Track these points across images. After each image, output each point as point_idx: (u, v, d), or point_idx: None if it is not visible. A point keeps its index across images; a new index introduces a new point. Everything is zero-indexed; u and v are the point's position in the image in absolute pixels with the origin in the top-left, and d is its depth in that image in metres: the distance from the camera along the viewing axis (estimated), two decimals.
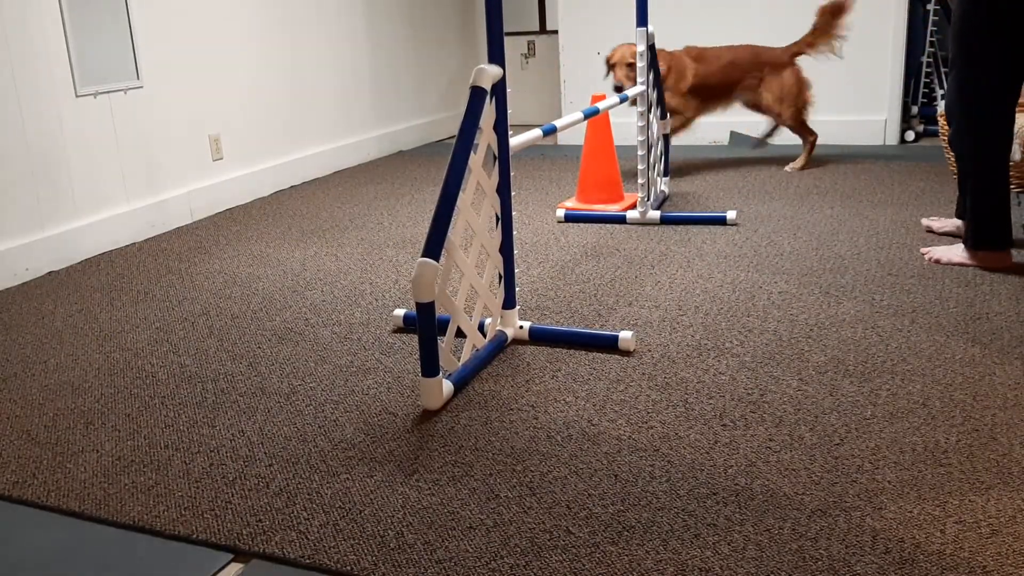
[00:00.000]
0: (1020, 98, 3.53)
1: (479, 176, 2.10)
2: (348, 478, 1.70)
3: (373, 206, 4.09)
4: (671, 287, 2.72)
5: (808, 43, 4.32)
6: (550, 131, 2.41)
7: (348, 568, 1.42)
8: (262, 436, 1.89)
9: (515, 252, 2.83)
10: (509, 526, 1.51)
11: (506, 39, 6.34)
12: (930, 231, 3.21)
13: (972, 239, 2.73)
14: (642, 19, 3.33)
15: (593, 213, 3.63)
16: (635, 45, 3.79)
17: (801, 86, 4.32)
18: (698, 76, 4.29)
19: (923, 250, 2.89)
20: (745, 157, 4.82)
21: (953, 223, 3.17)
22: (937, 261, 2.80)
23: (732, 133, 5.26)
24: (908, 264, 2.81)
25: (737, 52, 4.35)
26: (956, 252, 2.80)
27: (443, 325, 2.26)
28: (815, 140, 4.41)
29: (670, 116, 4.17)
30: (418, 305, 1.88)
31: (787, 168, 4.41)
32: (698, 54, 4.35)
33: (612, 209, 3.70)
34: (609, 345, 2.26)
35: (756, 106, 4.40)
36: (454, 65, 6.32)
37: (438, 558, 1.43)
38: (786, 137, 5.12)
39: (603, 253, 3.13)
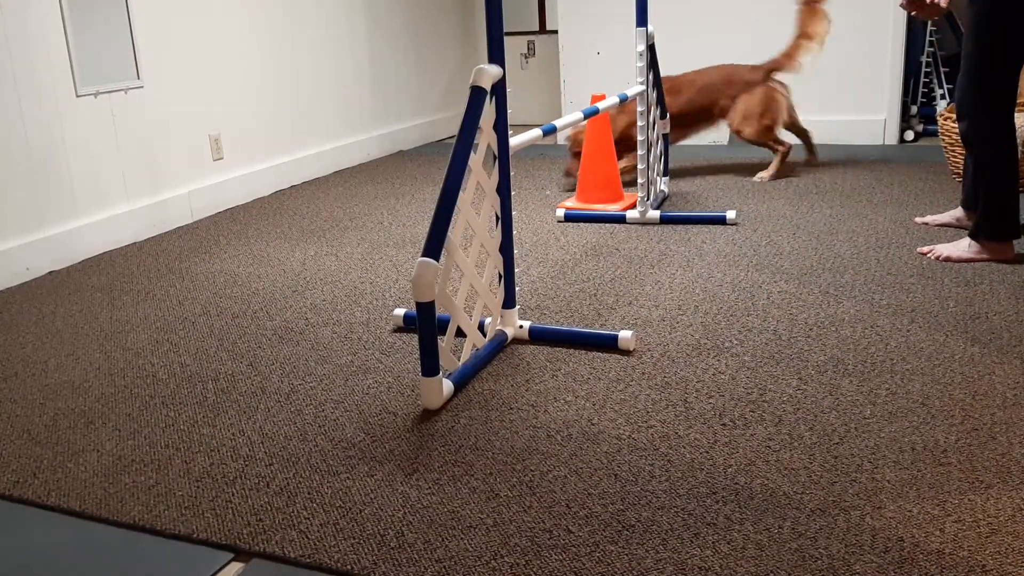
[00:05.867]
0: (1020, 98, 3.56)
1: (479, 176, 2.10)
2: (348, 477, 1.70)
3: (373, 206, 4.09)
4: (671, 287, 2.72)
5: (786, 55, 4.18)
6: (550, 131, 2.41)
7: (348, 567, 1.42)
8: (262, 435, 1.89)
9: (515, 252, 2.83)
10: (509, 525, 1.51)
11: (506, 39, 6.34)
12: (926, 225, 3.23)
13: (985, 231, 2.76)
14: (642, 19, 3.33)
15: (593, 213, 3.63)
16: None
17: (768, 104, 4.16)
18: (673, 109, 4.15)
19: (922, 249, 2.90)
20: (745, 157, 4.82)
21: (951, 215, 3.20)
22: (948, 259, 2.80)
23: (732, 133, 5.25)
24: (907, 263, 2.82)
25: (711, 74, 4.26)
26: (963, 247, 2.81)
27: (443, 325, 2.26)
28: (786, 151, 4.23)
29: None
30: (418, 305, 1.88)
31: (756, 178, 4.25)
32: (671, 86, 4.21)
33: (612, 209, 3.70)
34: (609, 345, 2.26)
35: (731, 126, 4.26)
36: (454, 65, 6.33)
37: (438, 557, 1.44)
38: (788, 136, 5.13)
39: (603, 253, 3.14)
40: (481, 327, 2.26)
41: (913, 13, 2.86)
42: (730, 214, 3.41)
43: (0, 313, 2.83)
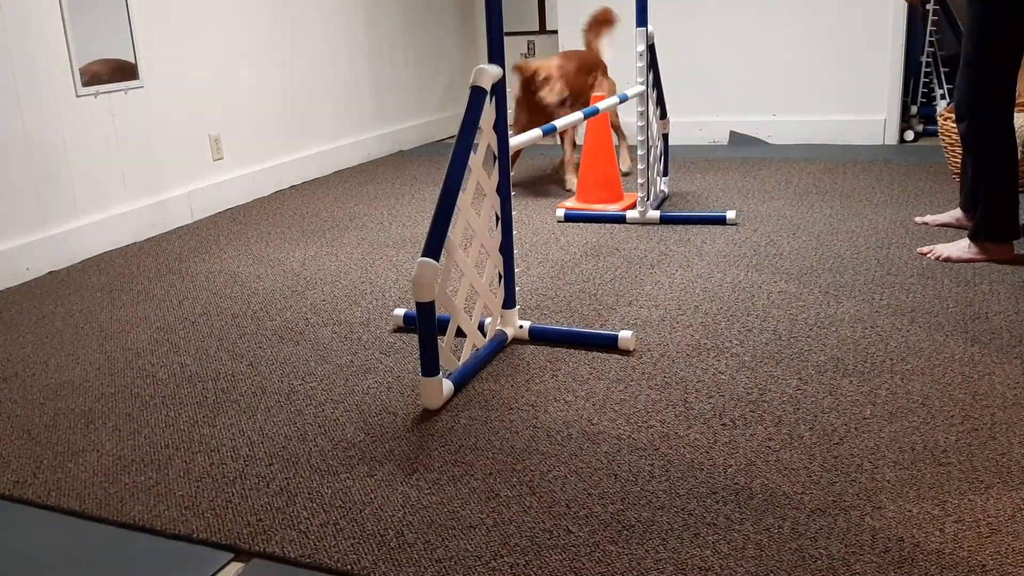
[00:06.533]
0: (1020, 98, 3.56)
1: (479, 176, 2.10)
2: (348, 477, 1.70)
3: (373, 206, 4.09)
4: (671, 287, 2.72)
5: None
6: (550, 131, 2.41)
7: (348, 567, 1.42)
8: (262, 435, 1.89)
9: (515, 252, 2.83)
10: (509, 525, 1.51)
11: (506, 39, 6.34)
12: (926, 225, 3.24)
13: (985, 232, 2.76)
14: (642, 19, 3.33)
15: (593, 213, 3.63)
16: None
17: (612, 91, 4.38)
18: (553, 99, 4.04)
19: (922, 249, 2.90)
20: (745, 157, 4.82)
21: (951, 215, 3.20)
22: (948, 259, 2.80)
23: (732, 133, 5.26)
24: (907, 263, 2.82)
25: (577, 59, 4.24)
26: (963, 247, 2.81)
27: (443, 325, 2.26)
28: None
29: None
30: (418, 305, 1.88)
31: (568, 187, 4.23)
32: (547, 74, 4.09)
33: (612, 209, 3.70)
34: (609, 345, 2.26)
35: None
36: (454, 65, 6.33)
37: (438, 557, 1.44)
38: (788, 137, 5.13)
39: (603, 253, 3.14)
40: (481, 327, 2.26)
41: None
42: (730, 214, 3.41)
43: (0, 313, 2.83)
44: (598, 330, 2.33)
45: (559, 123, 2.53)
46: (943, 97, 4.97)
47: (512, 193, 2.27)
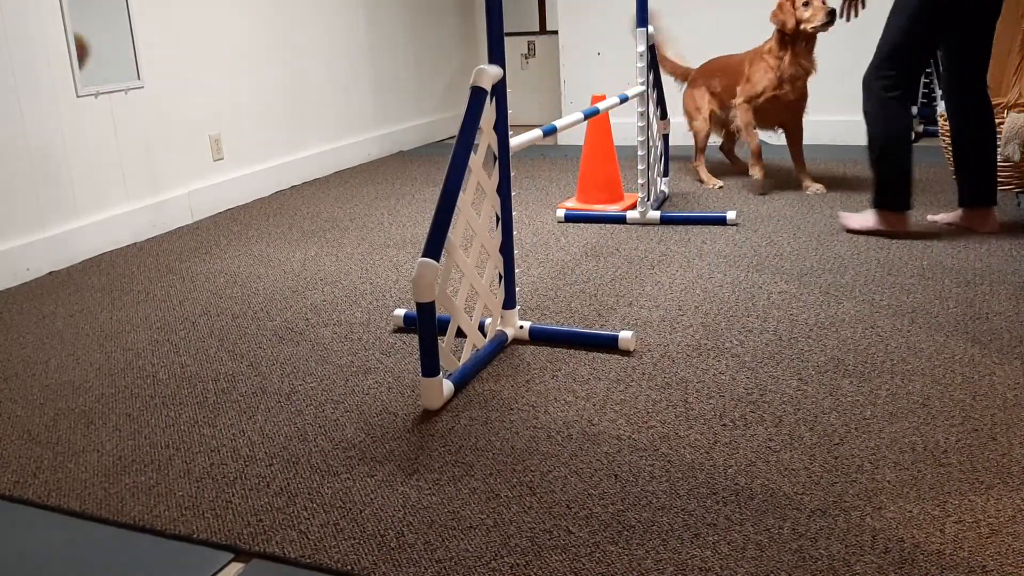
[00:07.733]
0: (1020, 98, 3.56)
1: (479, 176, 2.10)
2: (348, 478, 1.70)
3: (373, 206, 4.09)
4: (671, 287, 2.72)
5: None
6: (550, 131, 2.41)
7: (348, 568, 1.42)
8: (262, 436, 1.89)
9: (515, 252, 2.83)
10: (509, 526, 1.51)
11: (506, 39, 6.34)
12: (935, 223, 3.27)
13: (877, 201, 3.09)
14: (642, 19, 3.33)
15: (593, 213, 3.63)
16: None
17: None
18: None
19: (839, 214, 3.30)
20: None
21: (955, 214, 3.22)
22: (851, 229, 3.15)
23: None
24: (908, 264, 2.82)
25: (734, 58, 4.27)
26: (866, 218, 3.14)
27: (443, 325, 2.26)
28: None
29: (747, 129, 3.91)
30: (418, 305, 1.88)
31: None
32: (724, 64, 4.11)
33: (612, 209, 3.70)
34: (609, 345, 2.26)
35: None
36: (454, 65, 6.33)
37: (438, 558, 1.43)
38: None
39: (603, 253, 3.14)
40: (481, 327, 2.26)
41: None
42: (730, 215, 3.41)
43: (0, 313, 2.83)
44: (598, 330, 2.33)
45: (560, 123, 2.53)
46: (943, 97, 4.96)
47: (512, 193, 2.27)
